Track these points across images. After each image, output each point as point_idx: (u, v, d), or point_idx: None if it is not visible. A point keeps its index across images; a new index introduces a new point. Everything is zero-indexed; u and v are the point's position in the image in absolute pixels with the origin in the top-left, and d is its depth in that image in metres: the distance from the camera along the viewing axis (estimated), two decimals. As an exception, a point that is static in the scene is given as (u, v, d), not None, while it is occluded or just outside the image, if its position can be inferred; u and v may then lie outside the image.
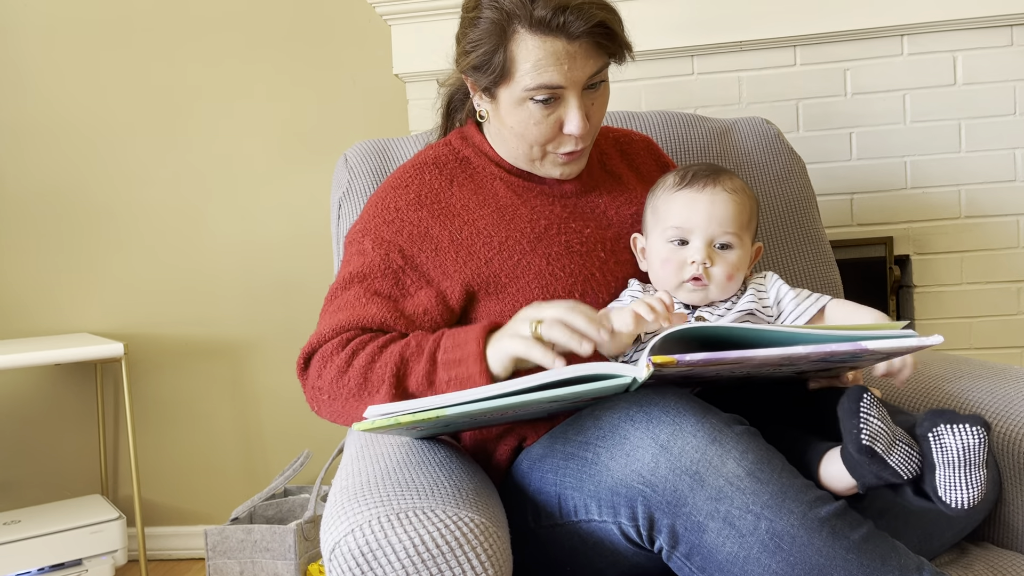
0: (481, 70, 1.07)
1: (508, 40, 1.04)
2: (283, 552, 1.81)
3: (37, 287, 2.25)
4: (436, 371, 0.96)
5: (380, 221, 1.13)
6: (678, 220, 1.05)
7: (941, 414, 0.80)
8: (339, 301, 1.10)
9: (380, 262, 1.10)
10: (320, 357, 1.05)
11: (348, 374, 1.01)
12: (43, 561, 1.93)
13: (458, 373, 0.95)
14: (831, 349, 0.79)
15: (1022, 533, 1.02)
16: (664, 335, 0.81)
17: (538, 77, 1.03)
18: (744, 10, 1.87)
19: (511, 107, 1.08)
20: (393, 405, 0.87)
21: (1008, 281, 1.89)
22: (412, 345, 1.00)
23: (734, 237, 1.04)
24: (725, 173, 1.08)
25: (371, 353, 1.01)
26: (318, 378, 1.04)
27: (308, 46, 2.14)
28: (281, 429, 2.23)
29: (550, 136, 1.09)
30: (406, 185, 1.15)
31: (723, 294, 1.05)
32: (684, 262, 1.03)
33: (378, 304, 1.07)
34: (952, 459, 0.78)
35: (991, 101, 1.86)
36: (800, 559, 0.78)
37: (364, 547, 0.74)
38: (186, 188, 2.20)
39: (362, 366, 1.00)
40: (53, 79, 2.20)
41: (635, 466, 0.83)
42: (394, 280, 1.09)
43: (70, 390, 2.26)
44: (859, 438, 0.78)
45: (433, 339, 1.00)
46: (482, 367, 0.93)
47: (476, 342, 0.95)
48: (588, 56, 1.04)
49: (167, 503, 2.27)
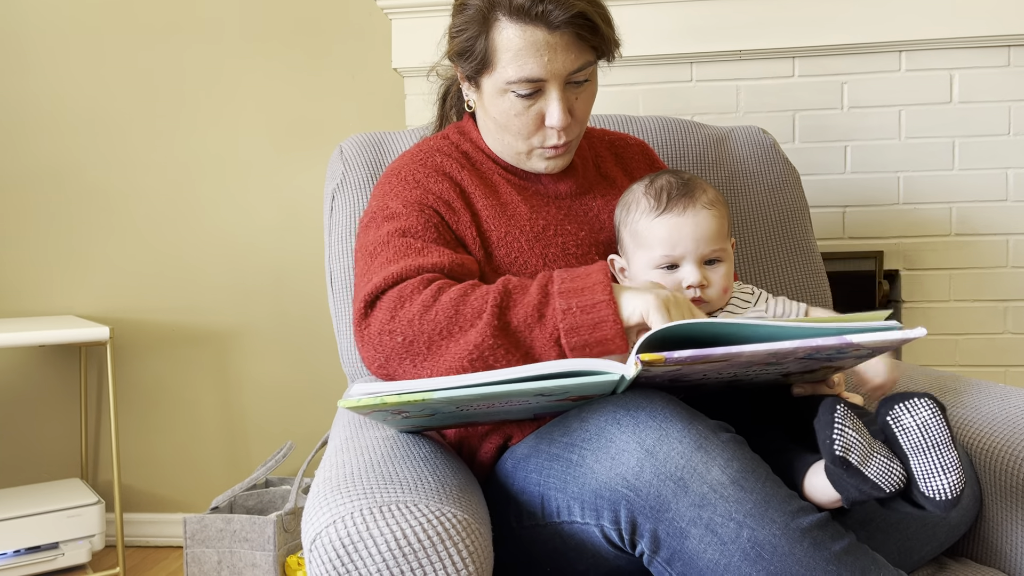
0: (465, 57, 1.08)
1: (490, 27, 1.05)
2: (262, 543, 1.80)
3: (25, 268, 2.23)
4: (550, 301, 0.91)
5: (403, 187, 1.10)
6: (665, 248, 1.04)
7: (892, 397, 0.81)
8: (388, 253, 1.02)
9: (418, 215, 1.06)
10: (395, 296, 0.96)
11: (435, 308, 0.93)
12: (19, 543, 1.91)
13: (581, 301, 0.90)
14: (817, 343, 0.79)
15: (1001, 549, 1.03)
16: (650, 335, 0.81)
17: (519, 70, 1.03)
18: (744, 20, 1.87)
19: (493, 97, 1.08)
20: (381, 385, 0.86)
21: (995, 300, 1.90)
22: (513, 281, 0.95)
23: (721, 251, 1.06)
24: (697, 186, 1.07)
25: (463, 289, 0.94)
26: (391, 320, 0.95)
27: (308, 37, 2.13)
28: (264, 420, 2.22)
29: (532, 129, 1.09)
30: (422, 161, 1.14)
31: (721, 304, 1.07)
32: (678, 285, 1.04)
33: (438, 252, 1.01)
34: (917, 441, 0.79)
35: (986, 120, 1.87)
36: (780, 569, 0.78)
37: (345, 539, 0.74)
38: (180, 175, 2.19)
39: (453, 300, 0.93)
40: (50, 63, 2.19)
41: (620, 469, 0.83)
42: (436, 232, 1.05)
43: (54, 372, 2.24)
44: (832, 448, 0.78)
45: (542, 274, 0.95)
46: (610, 296, 0.90)
47: (602, 271, 0.93)
48: (569, 49, 1.04)
49: (147, 489, 2.26)
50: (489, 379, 0.82)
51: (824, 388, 0.98)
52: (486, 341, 0.91)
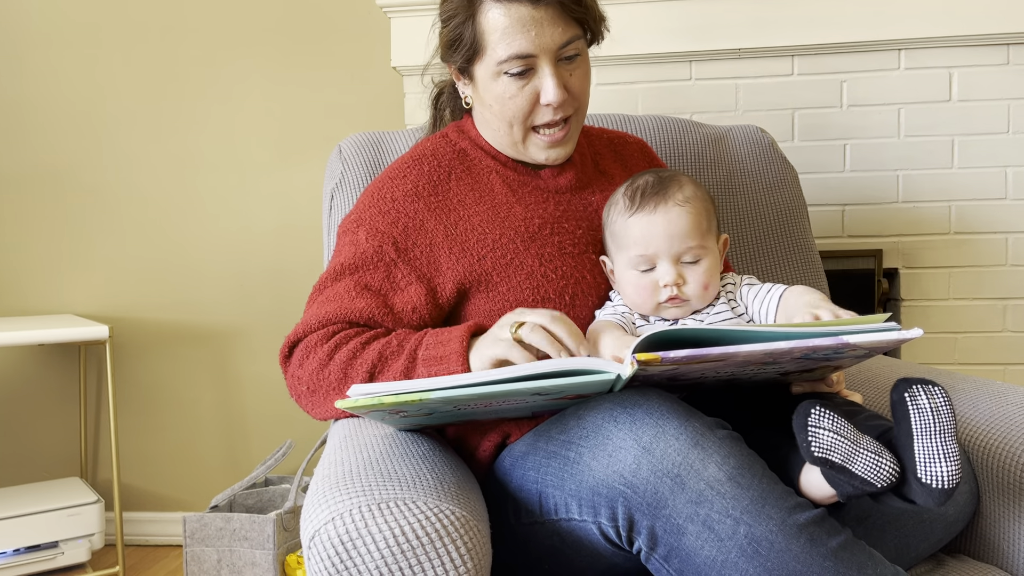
0: (454, 47, 1.09)
1: (476, 12, 1.06)
2: (261, 541, 1.81)
3: (24, 267, 2.23)
4: (415, 368, 0.96)
5: (375, 212, 1.12)
6: (639, 247, 1.03)
7: (909, 379, 0.81)
8: (328, 292, 1.09)
9: (373, 254, 1.09)
10: (304, 347, 1.04)
11: (329, 367, 1.01)
12: (19, 542, 1.91)
13: (438, 371, 0.95)
14: (813, 344, 0.79)
15: (998, 546, 1.03)
16: (647, 336, 0.81)
17: (508, 48, 1.04)
18: (743, 18, 1.87)
19: (487, 83, 1.09)
20: (378, 386, 0.86)
21: (994, 298, 1.90)
22: (394, 344, 1.00)
23: (699, 248, 1.03)
24: (673, 182, 1.05)
25: (353, 349, 1.01)
26: (299, 368, 1.04)
27: (307, 36, 2.13)
28: (264, 418, 2.22)
29: (527, 109, 1.09)
30: (403, 176, 1.14)
31: (704, 301, 1.04)
32: (656, 286, 1.02)
33: (367, 298, 1.06)
34: (927, 423, 0.79)
35: (985, 118, 1.87)
36: (777, 565, 0.78)
37: (344, 536, 0.74)
38: (179, 174, 2.19)
39: (343, 361, 1.00)
40: (50, 61, 2.19)
41: (617, 467, 0.83)
42: (385, 273, 1.09)
43: (53, 371, 2.25)
44: (810, 451, 0.78)
45: (416, 337, 1.00)
46: (464, 367, 0.94)
47: (460, 340, 0.95)
48: (556, 22, 1.04)
49: (146, 488, 2.26)
50: (486, 379, 0.82)
51: (823, 386, 0.98)
52: None
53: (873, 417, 0.89)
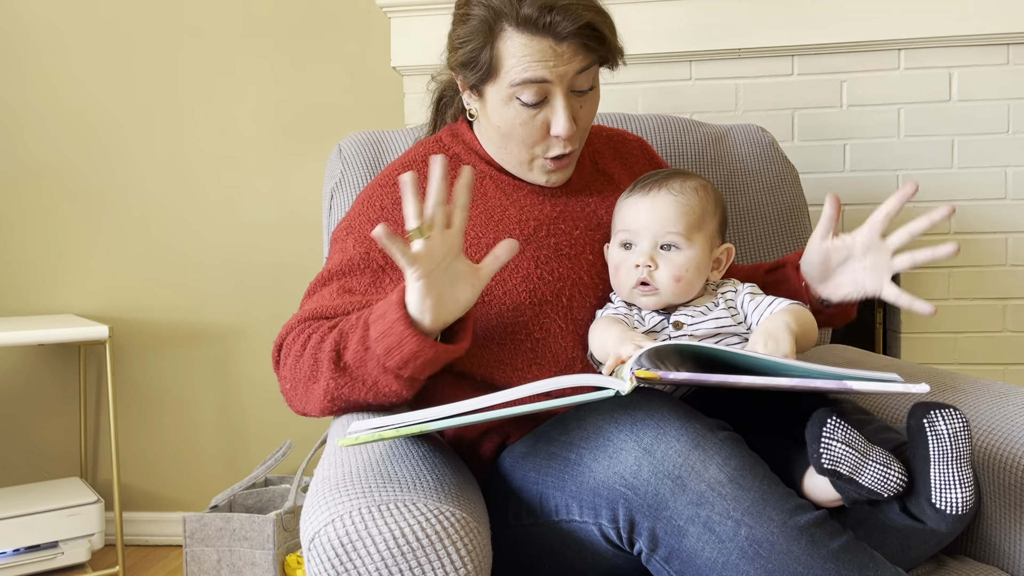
0: (469, 67, 1.07)
1: (496, 38, 1.04)
2: (261, 542, 1.80)
3: (24, 267, 2.23)
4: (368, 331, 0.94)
5: (364, 220, 1.12)
6: (623, 224, 1.06)
7: (928, 403, 0.80)
8: (316, 296, 1.09)
9: (360, 260, 1.09)
10: (285, 348, 1.04)
11: (303, 358, 1.00)
12: (18, 542, 1.91)
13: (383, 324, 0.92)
14: (815, 385, 0.79)
15: (1000, 547, 1.03)
16: (650, 347, 0.81)
17: (524, 72, 1.03)
18: (743, 18, 1.87)
19: (498, 106, 1.08)
20: (377, 420, 0.87)
21: (994, 298, 1.90)
22: (352, 318, 0.98)
23: (678, 237, 1.02)
24: (678, 176, 1.06)
25: (322, 334, 0.99)
26: (283, 367, 1.04)
27: (307, 35, 2.13)
28: (264, 418, 2.22)
29: (537, 138, 1.09)
30: (394, 183, 1.14)
31: (677, 297, 1.03)
32: (630, 267, 1.03)
33: (346, 298, 1.06)
34: (945, 449, 0.79)
35: (985, 118, 1.87)
36: (779, 566, 0.78)
37: (344, 538, 0.74)
38: (179, 173, 2.19)
39: (313, 347, 0.99)
40: (48, 62, 2.19)
41: (617, 468, 0.83)
42: (372, 279, 1.08)
43: (53, 371, 2.24)
44: (820, 462, 0.79)
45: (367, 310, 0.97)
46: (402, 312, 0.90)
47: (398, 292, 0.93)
48: (575, 55, 1.03)
49: (146, 488, 2.26)
50: (485, 404, 0.82)
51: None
52: (331, 384, 0.96)
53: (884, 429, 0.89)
